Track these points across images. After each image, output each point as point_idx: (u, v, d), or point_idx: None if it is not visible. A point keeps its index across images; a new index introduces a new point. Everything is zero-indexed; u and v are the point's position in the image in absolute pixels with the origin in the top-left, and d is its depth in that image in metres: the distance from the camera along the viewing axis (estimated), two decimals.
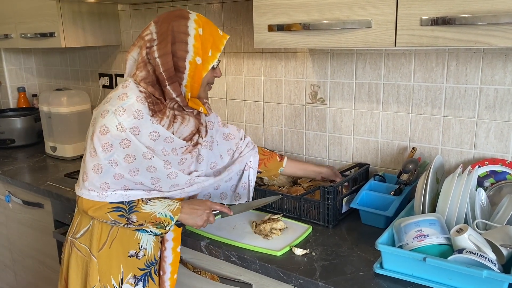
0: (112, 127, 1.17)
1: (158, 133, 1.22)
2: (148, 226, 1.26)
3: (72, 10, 2.16)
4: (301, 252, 1.29)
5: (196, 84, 1.25)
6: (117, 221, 1.24)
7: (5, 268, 2.42)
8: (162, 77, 1.21)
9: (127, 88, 1.22)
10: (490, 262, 1.03)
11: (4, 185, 2.20)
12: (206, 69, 1.24)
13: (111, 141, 1.18)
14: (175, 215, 1.27)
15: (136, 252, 1.33)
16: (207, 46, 1.23)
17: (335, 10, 1.25)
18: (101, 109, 1.21)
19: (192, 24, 1.22)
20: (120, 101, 1.19)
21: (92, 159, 1.19)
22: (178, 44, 1.19)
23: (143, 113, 1.19)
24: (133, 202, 1.25)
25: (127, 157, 1.20)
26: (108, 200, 1.21)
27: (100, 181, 1.20)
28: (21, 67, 3.03)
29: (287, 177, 1.74)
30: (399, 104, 1.60)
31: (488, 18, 1.02)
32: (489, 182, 1.42)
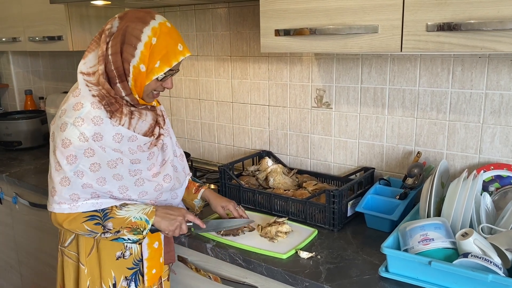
0: (74, 139, 1.16)
1: (121, 134, 1.22)
2: (125, 233, 1.26)
3: (80, 14, 2.18)
4: (307, 255, 1.30)
5: (138, 89, 1.23)
6: (93, 231, 1.24)
7: (10, 269, 2.43)
8: (113, 74, 1.19)
9: (79, 96, 1.20)
10: (496, 266, 1.04)
11: (11, 187, 2.22)
12: (149, 79, 1.21)
13: (75, 153, 1.18)
14: (150, 217, 1.28)
15: (122, 253, 1.34)
16: (156, 57, 1.19)
17: (341, 15, 1.27)
18: (59, 122, 1.20)
19: (148, 31, 1.18)
20: (76, 111, 1.18)
21: (58, 173, 1.19)
22: (127, 46, 1.17)
23: (102, 118, 1.19)
24: (107, 209, 1.25)
25: (92, 166, 1.20)
26: (80, 210, 1.22)
27: (68, 192, 1.20)
28: (28, 70, 3.06)
29: (292, 181, 1.75)
30: (404, 109, 1.61)
31: (494, 24, 1.03)
32: (494, 187, 1.43)
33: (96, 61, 1.23)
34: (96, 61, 1.23)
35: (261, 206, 1.64)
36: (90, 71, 1.24)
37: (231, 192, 1.72)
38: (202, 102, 2.21)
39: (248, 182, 1.76)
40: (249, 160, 1.94)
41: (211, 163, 2.23)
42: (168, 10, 2.22)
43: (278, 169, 1.77)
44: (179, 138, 2.35)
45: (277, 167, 1.78)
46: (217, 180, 1.91)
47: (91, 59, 1.25)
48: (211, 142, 2.23)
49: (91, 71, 1.24)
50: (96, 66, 1.22)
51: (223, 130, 2.16)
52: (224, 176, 1.73)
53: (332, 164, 1.83)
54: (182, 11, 2.17)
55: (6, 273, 2.48)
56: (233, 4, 1.97)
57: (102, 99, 1.21)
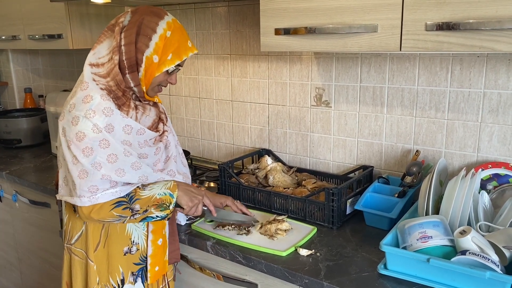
0: (87, 131, 1.17)
1: (131, 126, 1.24)
2: (152, 211, 1.27)
3: (80, 12, 2.18)
4: (306, 253, 1.31)
5: (147, 81, 1.25)
6: (122, 216, 1.25)
7: (11, 267, 2.44)
8: (124, 64, 1.21)
9: (88, 89, 1.21)
10: (493, 264, 1.05)
11: (11, 185, 2.22)
12: (160, 70, 1.24)
13: (90, 145, 1.18)
14: (173, 191, 1.29)
15: (129, 248, 1.35)
16: (169, 49, 1.23)
17: (341, 14, 1.27)
18: (69, 117, 1.20)
19: (163, 24, 1.23)
20: (86, 104, 1.19)
21: (76, 166, 1.19)
22: (142, 37, 1.20)
23: (112, 109, 1.20)
24: (131, 192, 1.26)
25: (109, 157, 1.20)
26: (100, 201, 1.22)
27: (87, 185, 1.20)
28: (28, 68, 3.06)
29: (292, 179, 1.76)
30: (403, 108, 1.62)
31: (492, 23, 1.04)
32: (492, 185, 1.44)
33: (106, 52, 1.24)
34: (106, 52, 1.24)
35: (260, 204, 1.65)
36: (99, 62, 1.25)
37: (230, 190, 1.73)
38: (202, 100, 2.22)
39: (247, 180, 1.77)
40: (249, 158, 1.95)
41: (211, 161, 2.23)
42: (168, 9, 2.22)
43: (277, 167, 1.78)
44: (179, 137, 2.36)
45: (277, 165, 1.78)
46: (216, 178, 1.92)
47: (101, 50, 1.25)
48: (211, 140, 2.23)
49: (100, 62, 1.24)
50: (105, 57, 1.24)
51: (223, 129, 2.17)
52: (224, 174, 1.74)
53: (331, 163, 1.84)
54: (182, 9, 2.17)
55: (6, 271, 2.49)
56: (233, 2, 1.98)
57: (109, 92, 1.22)
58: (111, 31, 1.26)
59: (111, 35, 1.26)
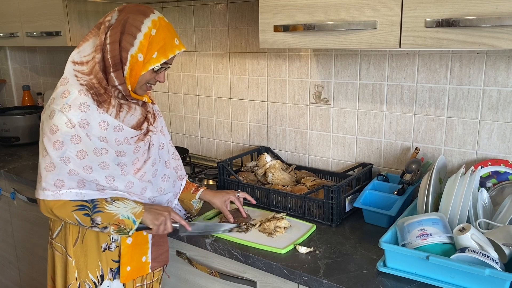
0: (61, 125, 1.17)
1: (107, 122, 1.23)
2: (111, 231, 1.26)
3: (78, 9, 2.17)
4: (305, 250, 1.31)
5: (133, 79, 1.24)
6: (81, 223, 1.24)
7: (9, 264, 2.44)
8: (108, 63, 1.21)
9: (67, 84, 1.22)
10: (493, 261, 1.05)
11: (9, 183, 2.22)
12: (146, 69, 1.23)
13: (62, 139, 1.18)
14: (138, 218, 1.27)
15: (107, 245, 1.34)
16: (154, 47, 1.22)
17: (340, 11, 1.27)
18: (48, 111, 1.21)
19: (148, 22, 1.21)
20: (64, 99, 1.19)
21: (44, 159, 1.20)
22: (126, 36, 1.20)
23: (88, 105, 1.20)
24: (96, 200, 1.24)
25: (79, 153, 1.20)
26: (63, 198, 1.21)
27: (53, 178, 1.20)
28: (26, 65, 3.05)
29: (291, 176, 1.75)
30: (402, 105, 1.61)
31: (492, 20, 1.04)
32: (492, 183, 1.44)
33: (91, 50, 1.24)
34: (91, 50, 1.24)
35: (259, 201, 1.64)
36: (83, 60, 1.25)
37: (229, 188, 1.72)
38: (200, 98, 2.21)
39: (246, 178, 1.77)
40: (248, 156, 1.94)
41: (210, 159, 2.23)
42: (166, 6, 2.21)
43: (276, 165, 1.77)
44: (178, 134, 2.36)
45: (276, 163, 1.78)
46: (215, 176, 1.91)
47: (86, 49, 1.26)
48: (210, 138, 2.23)
49: (85, 60, 1.25)
50: (90, 55, 1.24)
51: (222, 126, 2.17)
52: (223, 172, 1.73)
53: (330, 160, 1.84)
54: (180, 6, 2.16)
55: (4, 269, 2.48)
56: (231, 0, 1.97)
57: (90, 88, 1.22)
58: (98, 29, 1.26)
59: (97, 33, 1.26)
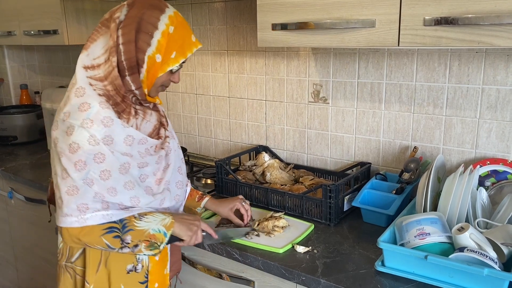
0: (83, 142, 1.05)
1: (133, 136, 1.13)
2: (142, 249, 1.14)
3: (75, 7, 2.16)
4: (303, 250, 1.30)
5: (149, 82, 1.14)
6: (111, 246, 1.11)
7: (7, 264, 2.43)
8: (123, 66, 1.09)
9: (84, 96, 1.08)
10: (491, 261, 1.04)
11: (6, 182, 2.21)
12: (163, 70, 1.13)
13: (84, 158, 1.05)
14: (168, 229, 1.17)
15: (134, 266, 1.22)
16: (172, 47, 1.11)
17: (339, 9, 1.26)
18: (63, 126, 1.07)
19: (165, 19, 1.10)
20: (84, 112, 1.06)
21: (65, 181, 1.06)
22: (142, 34, 1.08)
23: (112, 119, 1.08)
24: (125, 219, 1.12)
25: (103, 174, 1.08)
26: (88, 223, 1.08)
27: (76, 202, 1.06)
28: (23, 64, 3.04)
29: (289, 175, 1.75)
30: (401, 104, 1.61)
31: (491, 18, 1.03)
32: (490, 182, 1.43)
33: (101, 52, 1.12)
34: (101, 51, 1.12)
35: (257, 201, 1.64)
36: (94, 64, 1.12)
37: (227, 187, 1.72)
38: (198, 96, 2.21)
39: (244, 177, 1.76)
40: (246, 155, 1.93)
41: (208, 158, 2.22)
42: None
43: (275, 164, 1.77)
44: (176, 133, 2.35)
45: (274, 162, 1.78)
46: (213, 175, 1.91)
47: (95, 50, 1.13)
48: (208, 137, 2.22)
49: (95, 63, 1.12)
50: (101, 58, 1.11)
51: (220, 125, 2.16)
52: (221, 171, 1.73)
53: (328, 159, 1.83)
54: (178, 5, 2.16)
55: (2, 268, 2.48)
56: None
57: (108, 98, 1.10)
58: (106, 27, 1.12)
59: (105, 32, 1.12)
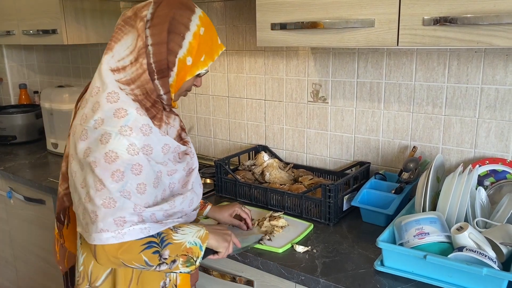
0: (121, 151, 0.97)
1: (169, 145, 1.07)
2: (179, 265, 1.06)
3: (74, 7, 2.16)
4: (303, 249, 1.30)
5: (177, 86, 1.08)
6: (149, 263, 1.02)
7: (6, 264, 2.43)
8: (152, 68, 1.02)
9: (119, 101, 1.00)
10: (490, 260, 1.04)
11: (5, 181, 2.21)
12: (192, 74, 1.07)
13: (123, 168, 0.97)
14: (204, 241, 1.10)
15: (164, 282, 1.17)
16: (203, 49, 1.06)
17: (338, 9, 1.26)
18: (95, 135, 0.98)
19: (196, 19, 1.05)
20: (121, 119, 0.98)
21: (100, 193, 0.96)
22: (174, 36, 1.02)
23: (150, 127, 1.02)
24: (162, 233, 1.05)
25: (139, 187, 1.00)
26: (126, 238, 0.98)
27: (114, 216, 0.97)
28: (22, 63, 3.03)
29: (288, 175, 1.75)
30: (400, 103, 1.61)
31: (490, 18, 1.03)
32: (489, 181, 1.43)
33: (126, 53, 1.04)
34: (126, 52, 1.04)
35: (257, 200, 1.64)
36: (119, 66, 1.04)
37: (227, 186, 1.72)
38: (198, 96, 2.21)
39: (244, 176, 1.76)
40: (245, 154, 1.93)
41: (207, 157, 2.22)
42: None
43: (274, 163, 1.77)
44: None
45: (273, 162, 1.78)
46: (213, 175, 1.91)
47: (120, 51, 1.04)
48: (207, 136, 2.22)
49: (120, 65, 1.04)
50: (126, 59, 1.04)
51: (219, 125, 2.16)
52: (220, 170, 1.73)
53: (328, 159, 1.83)
54: None
55: (1, 268, 2.47)
56: None
57: (141, 104, 1.03)
58: (130, 26, 1.05)
59: (129, 31, 1.04)
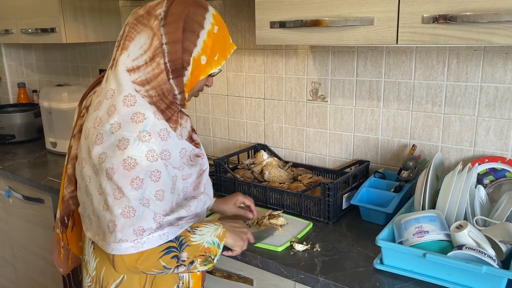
0: (140, 158, 0.94)
1: (185, 149, 1.05)
2: (197, 265, 1.06)
3: (73, 5, 2.16)
4: (302, 248, 1.30)
5: (191, 85, 1.06)
6: (167, 267, 1.02)
7: (5, 263, 2.43)
8: (166, 68, 1.00)
9: (136, 105, 0.98)
10: (490, 258, 1.04)
11: (4, 180, 2.21)
12: (206, 73, 1.05)
13: (142, 175, 0.95)
14: (222, 240, 1.10)
15: (178, 285, 1.17)
16: (217, 48, 1.05)
17: (337, 7, 1.26)
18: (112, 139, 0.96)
19: (210, 18, 1.04)
20: (139, 124, 0.95)
21: (119, 202, 0.95)
22: (189, 34, 1.00)
23: (168, 131, 1.00)
24: (180, 236, 1.04)
25: (158, 194, 0.98)
26: (146, 247, 0.97)
27: (133, 226, 0.96)
28: (21, 62, 3.03)
29: (288, 174, 1.75)
30: (399, 102, 1.61)
31: (489, 16, 1.03)
32: (489, 180, 1.43)
33: (140, 52, 1.01)
34: (139, 51, 1.01)
35: (256, 199, 1.63)
36: (134, 66, 1.01)
37: (226, 185, 1.72)
38: None
39: (243, 175, 1.76)
40: (244, 153, 1.93)
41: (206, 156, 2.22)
42: None
43: (273, 162, 1.77)
44: None
45: (272, 160, 1.77)
46: (212, 174, 1.90)
47: (134, 50, 1.01)
48: (206, 135, 2.22)
49: (135, 64, 1.01)
50: (140, 59, 1.01)
51: (218, 123, 2.16)
52: (219, 169, 1.73)
53: (327, 157, 1.83)
54: None
55: (0, 268, 2.47)
56: None
57: (156, 106, 1.01)
58: (142, 24, 1.01)
59: (142, 29, 1.01)
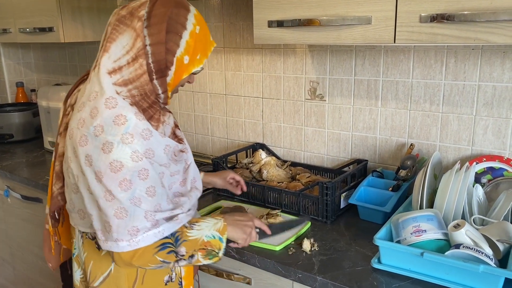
0: (125, 160, 0.97)
1: (169, 145, 1.08)
2: (200, 258, 1.08)
3: (71, 5, 2.15)
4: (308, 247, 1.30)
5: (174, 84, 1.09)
6: (165, 261, 1.05)
7: (3, 262, 2.42)
8: (150, 68, 1.02)
9: (117, 107, 0.99)
10: (487, 257, 1.05)
11: (2, 180, 2.20)
12: (189, 72, 1.08)
13: (129, 176, 0.98)
14: (223, 233, 1.11)
15: (170, 276, 1.19)
16: (198, 47, 1.07)
17: (334, 6, 1.26)
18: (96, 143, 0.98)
19: (192, 18, 1.06)
20: (121, 126, 0.98)
21: (111, 204, 0.98)
22: (172, 35, 1.02)
23: (150, 131, 1.02)
24: (176, 231, 1.06)
25: (149, 191, 1.01)
26: (141, 245, 1.00)
27: (127, 226, 0.99)
28: (19, 62, 3.03)
29: (286, 173, 1.75)
30: (397, 101, 1.61)
31: (487, 15, 1.03)
32: (486, 179, 1.43)
33: (122, 52, 1.03)
34: (121, 52, 1.03)
35: (254, 198, 1.64)
36: (115, 67, 1.03)
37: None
38: (195, 94, 2.20)
39: (241, 174, 1.76)
40: (243, 152, 1.93)
41: (205, 155, 2.22)
42: None
43: (271, 161, 1.77)
44: None
45: (271, 160, 1.77)
46: None
47: (115, 51, 1.03)
48: (205, 134, 2.22)
49: (117, 66, 1.03)
50: (122, 59, 1.03)
51: (217, 123, 2.16)
52: (218, 168, 1.73)
53: (325, 157, 1.83)
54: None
55: None
56: None
57: (138, 106, 1.03)
58: (124, 25, 1.03)
59: (124, 30, 1.03)
